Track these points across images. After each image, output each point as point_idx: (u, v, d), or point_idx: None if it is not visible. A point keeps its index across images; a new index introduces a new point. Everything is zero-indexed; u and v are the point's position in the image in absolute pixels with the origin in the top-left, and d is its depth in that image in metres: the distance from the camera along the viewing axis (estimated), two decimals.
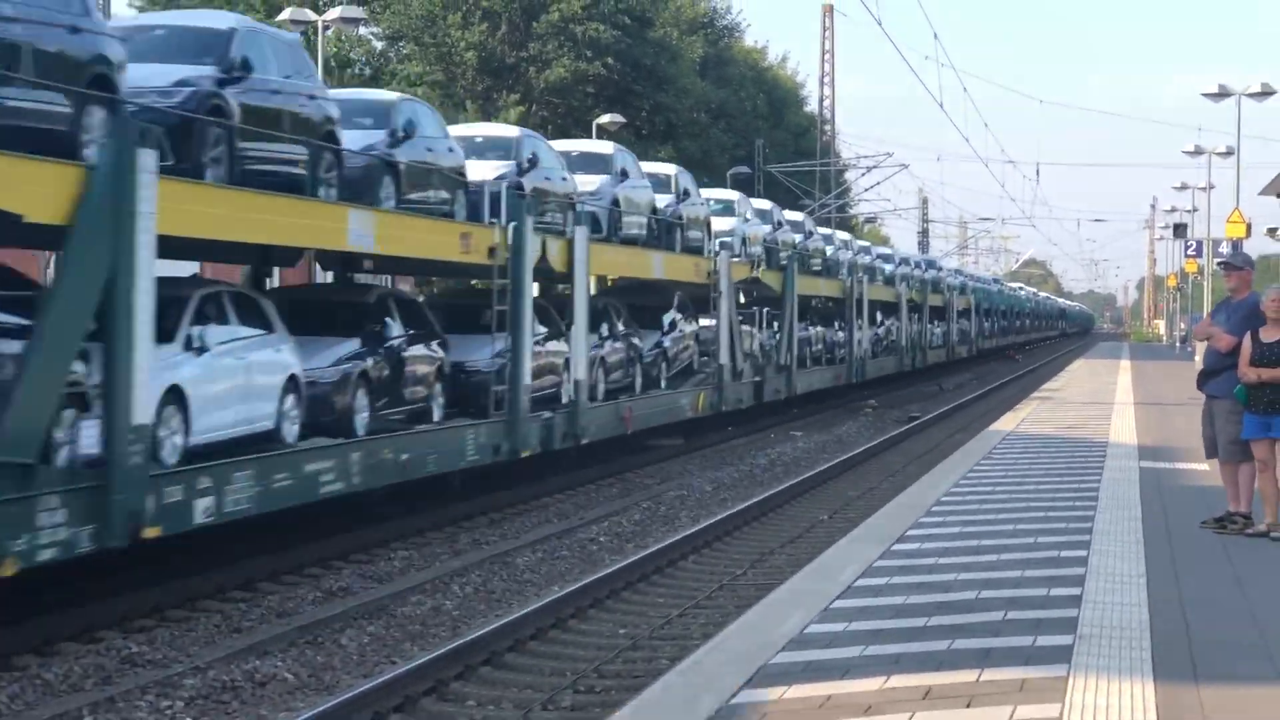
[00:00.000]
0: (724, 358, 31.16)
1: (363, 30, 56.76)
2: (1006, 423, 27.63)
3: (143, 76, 14.44)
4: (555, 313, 24.09)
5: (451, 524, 19.76)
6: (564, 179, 24.71)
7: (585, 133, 52.09)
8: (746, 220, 36.28)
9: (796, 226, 42.86)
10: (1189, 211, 78.27)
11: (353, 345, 18.23)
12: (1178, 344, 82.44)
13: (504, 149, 23.42)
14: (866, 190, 78.69)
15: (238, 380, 15.51)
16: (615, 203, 26.56)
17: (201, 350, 14.87)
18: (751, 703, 7.74)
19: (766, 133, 74.44)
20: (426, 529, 19.21)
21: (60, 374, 12.51)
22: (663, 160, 45.57)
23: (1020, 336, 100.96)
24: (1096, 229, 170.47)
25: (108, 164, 12.95)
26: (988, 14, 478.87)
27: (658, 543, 18.53)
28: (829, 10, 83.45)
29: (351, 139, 18.36)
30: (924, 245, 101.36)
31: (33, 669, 12.06)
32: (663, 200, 29.83)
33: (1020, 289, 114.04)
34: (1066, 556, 12.06)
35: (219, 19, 17.27)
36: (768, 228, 38.35)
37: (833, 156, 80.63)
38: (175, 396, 14.09)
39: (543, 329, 22.96)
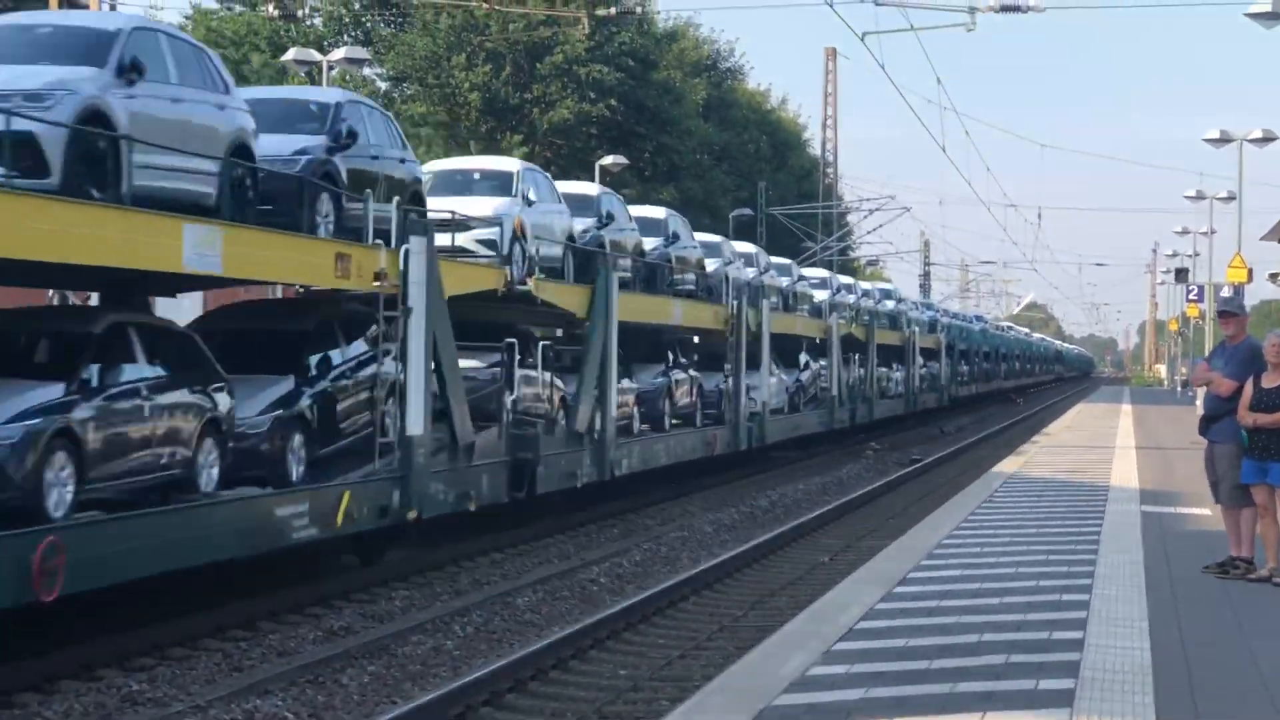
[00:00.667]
0: (414, 425, 18.39)
1: (367, 71, 56.99)
2: (1008, 466, 27.63)
3: None
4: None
5: (453, 564, 19.73)
6: None
7: (588, 173, 52.27)
8: (529, 204, 23.10)
9: (653, 227, 30.05)
10: (1190, 256, 78.32)
11: None
12: (1179, 388, 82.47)
13: None
14: (869, 233, 78.61)
15: None
16: (99, 119, 13.62)
17: None
18: None
19: (769, 175, 74.61)
20: (428, 569, 19.19)
21: None
22: (662, 202, 45.39)
23: (1008, 382, 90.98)
24: (1098, 273, 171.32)
25: None
26: (990, 59, 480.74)
27: (658, 584, 18.51)
28: (832, 54, 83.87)
29: None
30: (925, 288, 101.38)
31: (33, 706, 12.05)
32: (294, 143, 17.43)
33: (1009, 328, 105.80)
34: (1068, 600, 12.06)
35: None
36: (584, 224, 26.02)
37: (835, 199, 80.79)
38: None
39: None
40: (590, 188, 29.05)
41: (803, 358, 40.61)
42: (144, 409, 14.34)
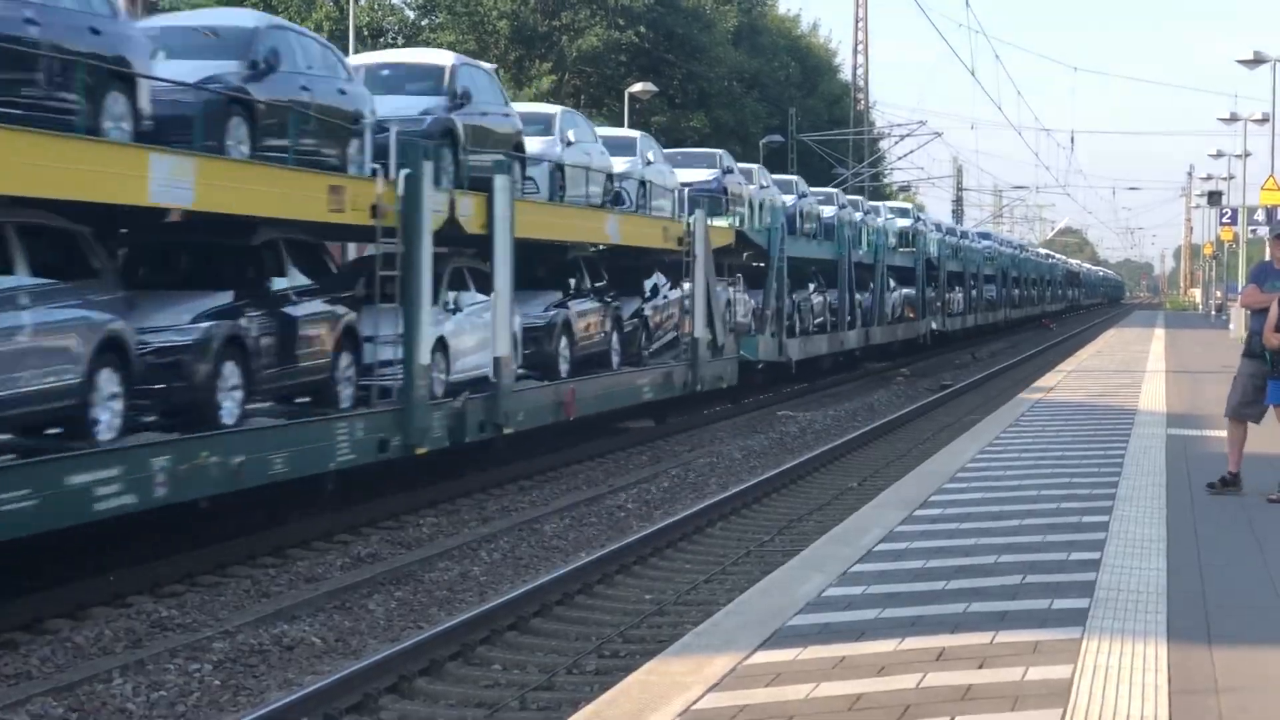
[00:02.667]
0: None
1: (395, 0, 56.87)
2: (1036, 390, 27.59)
3: None
4: None
5: (481, 491, 19.85)
6: None
7: (618, 101, 52.12)
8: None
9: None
10: (1225, 179, 77.88)
11: None
12: (1213, 312, 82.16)
13: None
14: (900, 159, 78.23)
15: None
16: None
17: None
18: (766, 663, 7.82)
19: (800, 101, 74.25)
20: (456, 495, 19.32)
21: None
22: (692, 130, 45.13)
23: (980, 317, 63.62)
24: (1132, 197, 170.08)
25: None
26: None
27: (686, 509, 18.62)
28: None
29: None
30: (958, 214, 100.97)
31: (64, 632, 12.23)
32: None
33: (986, 237, 75.18)
34: (1088, 522, 12.09)
35: None
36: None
37: (866, 125, 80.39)
38: None
39: None
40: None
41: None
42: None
